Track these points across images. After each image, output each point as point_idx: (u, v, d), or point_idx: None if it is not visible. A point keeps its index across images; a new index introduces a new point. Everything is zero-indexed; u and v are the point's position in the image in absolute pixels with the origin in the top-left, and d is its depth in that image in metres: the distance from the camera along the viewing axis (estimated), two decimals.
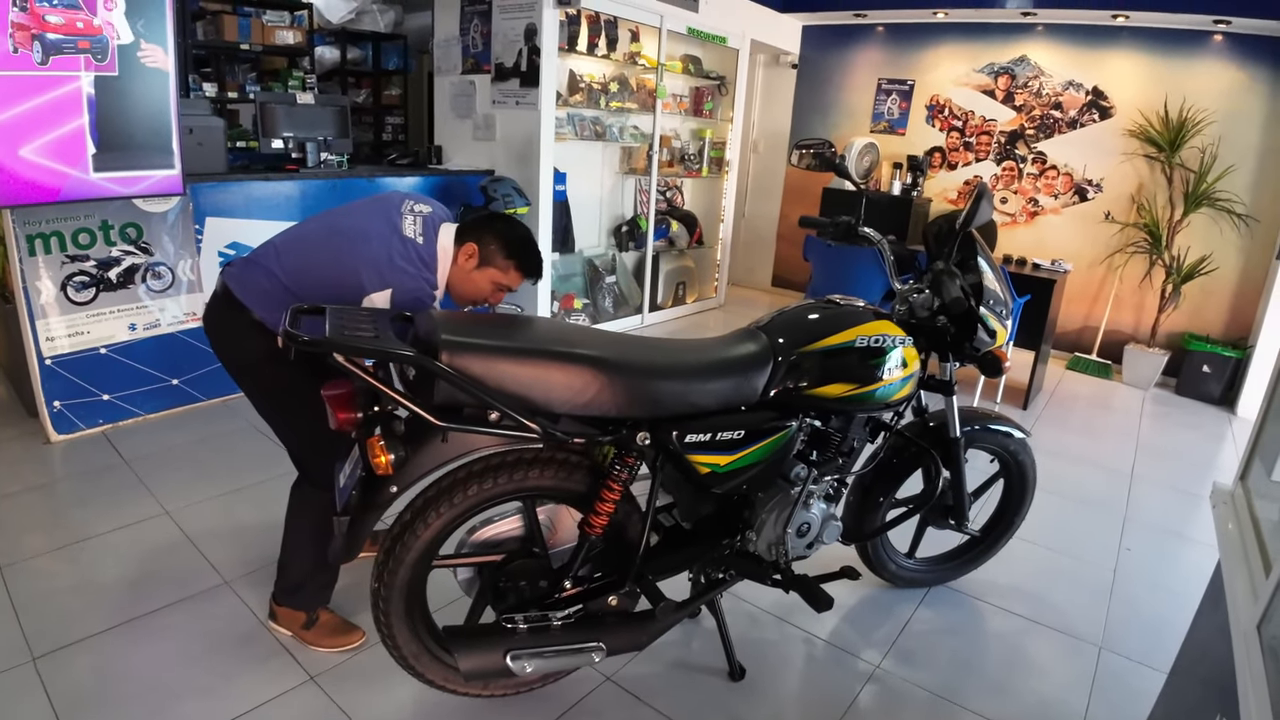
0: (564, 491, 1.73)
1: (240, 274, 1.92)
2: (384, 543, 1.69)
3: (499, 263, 1.95)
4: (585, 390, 1.54)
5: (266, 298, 1.87)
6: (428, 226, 1.93)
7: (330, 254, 1.88)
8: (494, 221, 2.00)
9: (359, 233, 1.89)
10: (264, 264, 1.91)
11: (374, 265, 1.83)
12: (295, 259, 1.90)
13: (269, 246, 1.96)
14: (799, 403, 1.85)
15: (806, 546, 2.00)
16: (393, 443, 1.49)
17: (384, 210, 1.94)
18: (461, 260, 1.94)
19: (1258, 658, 1.17)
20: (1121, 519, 3.23)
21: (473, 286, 1.98)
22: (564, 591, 1.76)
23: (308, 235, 1.97)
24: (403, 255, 1.86)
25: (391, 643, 1.74)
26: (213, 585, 2.33)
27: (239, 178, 3.72)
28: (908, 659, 2.24)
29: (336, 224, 1.95)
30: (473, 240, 1.94)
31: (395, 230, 1.89)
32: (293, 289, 1.86)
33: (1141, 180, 5.28)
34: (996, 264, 2.13)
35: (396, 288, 1.82)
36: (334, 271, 1.84)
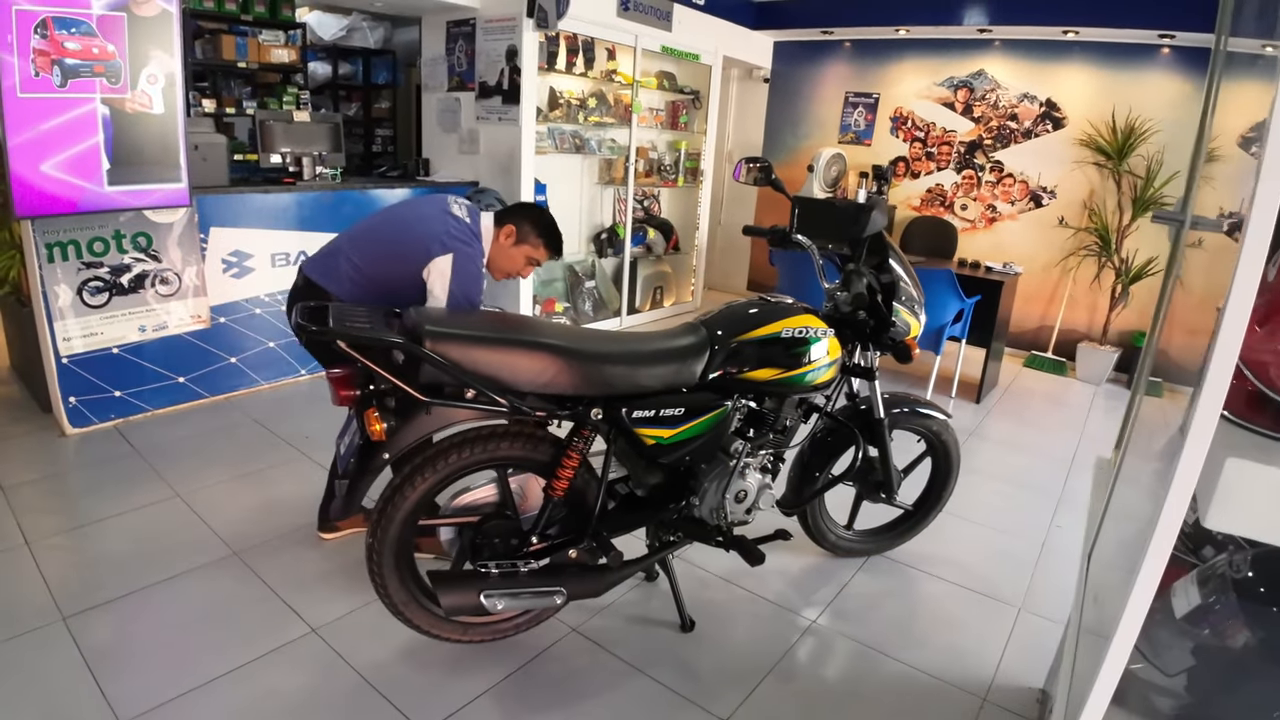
0: (531, 460, 2.01)
1: (321, 266, 2.34)
2: (378, 503, 1.95)
3: (532, 240, 2.40)
4: (545, 372, 1.82)
5: (348, 282, 2.29)
6: (471, 212, 2.39)
7: (397, 233, 2.32)
8: (527, 209, 2.48)
9: (418, 216, 2.35)
10: (340, 254, 2.32)
11: (435, 236, 2.25)
12: (366, 245, 2.33)
13: (341, 240, 2.39)
14: (734, 385, 2.13)
15: (745, 511, 2.28)
16: (385, 414, 1.77)
17: (434, 201, 2.41)
18: (502, 239, 2.38)
19: (1082, 580, 1.45)
20: (1056, 500, 3.51)
21: (509, 260, 2.42)
22: (531, 546, 2.03)
23: (374, 225, 2.42)
24: (457, 229, 2.29)
25: (383, 590, 2.01)
26: (223, 555, 2.59)
27: (240, 190, 3.98)
28: (843, 616, 2.51)
29: (396, 213, 2.43)
30: (511, 222, 2.39)
31: (446, 212, 2.33)
32: (366, 270, 2.29)
33: (1092, 187, 5.59)
34: (907, 263, 2.42)
35: (457, 253, 2.24)
36: (402, 247, 2.27)
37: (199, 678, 2.04)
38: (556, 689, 2.11)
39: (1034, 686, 2.23)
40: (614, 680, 2.16)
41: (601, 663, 2.22)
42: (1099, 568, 1.43)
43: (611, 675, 2.18)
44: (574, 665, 2.21)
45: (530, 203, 2.63)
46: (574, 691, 2.11)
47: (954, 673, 2.28)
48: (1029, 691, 2.22)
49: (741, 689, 2.15)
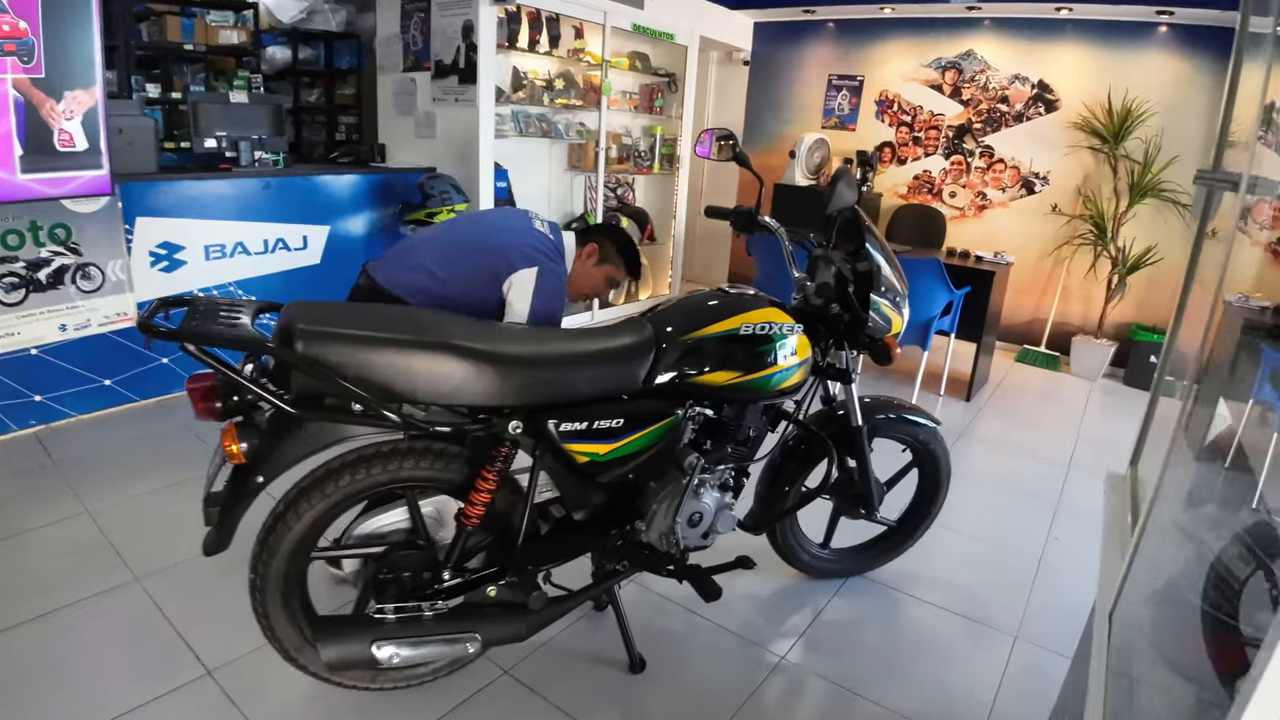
0: (442, 482, 1.71)
1: (391, 269, 2.23)
2: (259, 534, 1.67)
3: (614, 260, 2.37)
4: (450, 378, 1.51)
5: (423, 292, 2.18)
6: (553, 229, 2.35)
7: (480, 242, 2.25)
8: (609, 229, 2.45)
9: (502, 225, 2.33)
10: (416, 258, 2.23)
11: (519, 249, 2.19)
12: (446, 250, 2.24)
13: (417, 243, 2.30)
14: (686, 390, 1.83)
15: (702, 536, 1.98)
16: (246, 432, 1.46)
17: (517, 213, 2.41)
18: (584, 257, 2.35)
19: (1103, 647, 1.15)
20: (1054, 509, 3.23)
21: (590, 280, 2.38)
22: (443, 583, 1.73)
23: (454, 230, 2.39)
24: (544, 244, 2.25)
25: (271, 634, 1.72)
26: (123, 582, 2.28)
27: (169, 177, 3.68)
28: (816, 649, 2.22)
29: (479, 219, 2.44)
30: (594, 241, 2.36)
31: (530, 227, 2.29)
32: (443, 277, 2.19)
33: (1087, 172, 5.32)
34: (889, 249, 2.12)
35: (541, 268, 2.17)
36: (484, 256, 2.20)
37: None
38: None
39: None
40: None
41: (535, 711, 1.92)
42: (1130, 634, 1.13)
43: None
44: (501, 712, 1.91)
45: (611, 224, 2.62)
46: None
47: (942, 716, 1.99)
48: None
49: None
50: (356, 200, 4.37)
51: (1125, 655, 1.10)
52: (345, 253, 4.31)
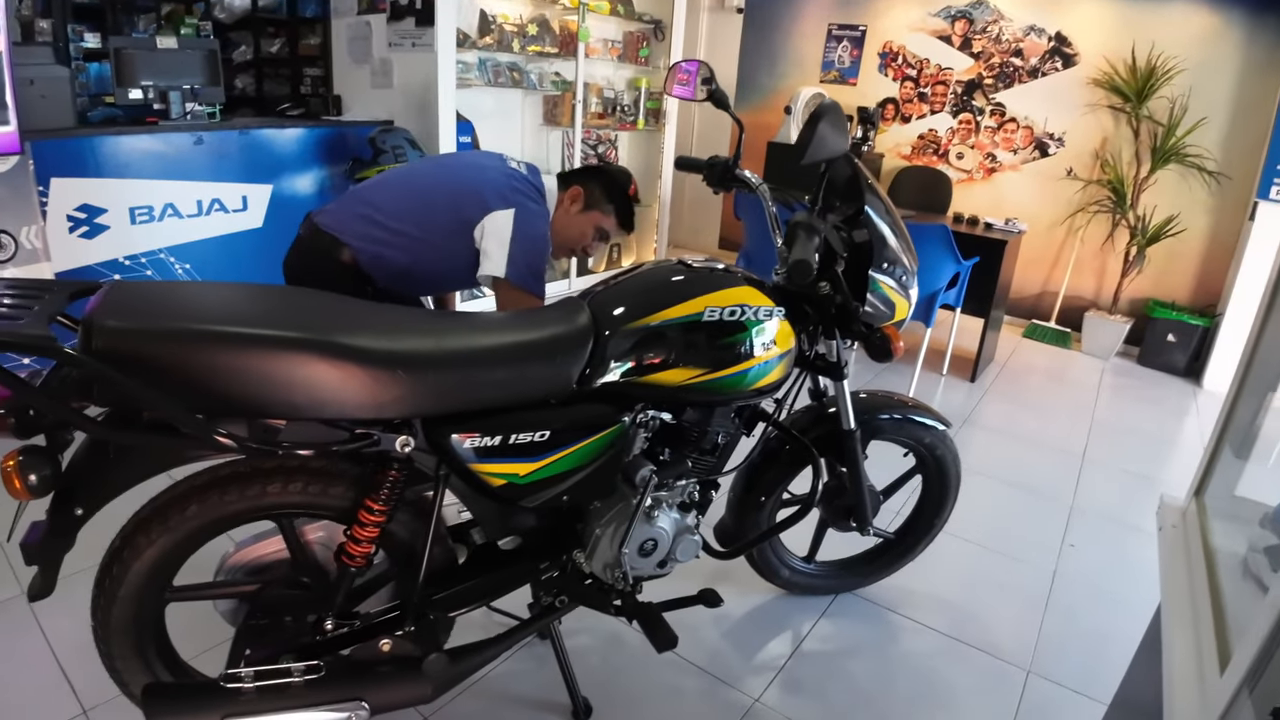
0: (322, 508, 1.35)
1: (335, 212, 1.94)
2: (97, 574, 1.33)
3: (603, 206, 2.06)
4: (309, 385, 1.13)
5: (368, 235, 1.88)
6: (531, 170, 2.04)
7: (447, 183, 1.96)
8: (597, 171, 2.12)
9: (473, 165, 2.05)
10: (359, 203, 1.93)
11: (493, 187, 1.91)
12: (402, 194, 1.95)
13: (365, 188, 2.01)
14: (633, 392, 1.46)
15: (658, 565, 1.62)
16: (34, 460, 1.09)
17: (487, 154, 2.13)
18: (567, 203, 2.05)
19: None
20: (1068, 509, 2.89)
21: (574, 230, 2.08)
22: (324, 633, 1.38)
23: (413, 172, 2.09)
24: (523, 183, 1.96)
25: (125, 690, 1.40)
26: (8, 598, 1.95)
27: (87, 133, 3.27)
28: (794, 689, 1.88)
29: (442, 161, 2.17)
30: (578, 184, 2.06)
31: (504, 167, 1.99)
32: (395, 225, 1.88)
33: (1106, 134, 4.90)
34: (897, 215, 1.72)
35: (519, 209, 1.89)
36: (449, 198, 1.91)
37: None
38: None
39: None
40: None
41: None
42: None
43: None
44: None
45: (602, 165, 2.21)
46: None
47: None
48: None
49: None
50: (304, 156, 3.96)
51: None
52: (290, 215, 3.90)
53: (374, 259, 1.89)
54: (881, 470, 2.06)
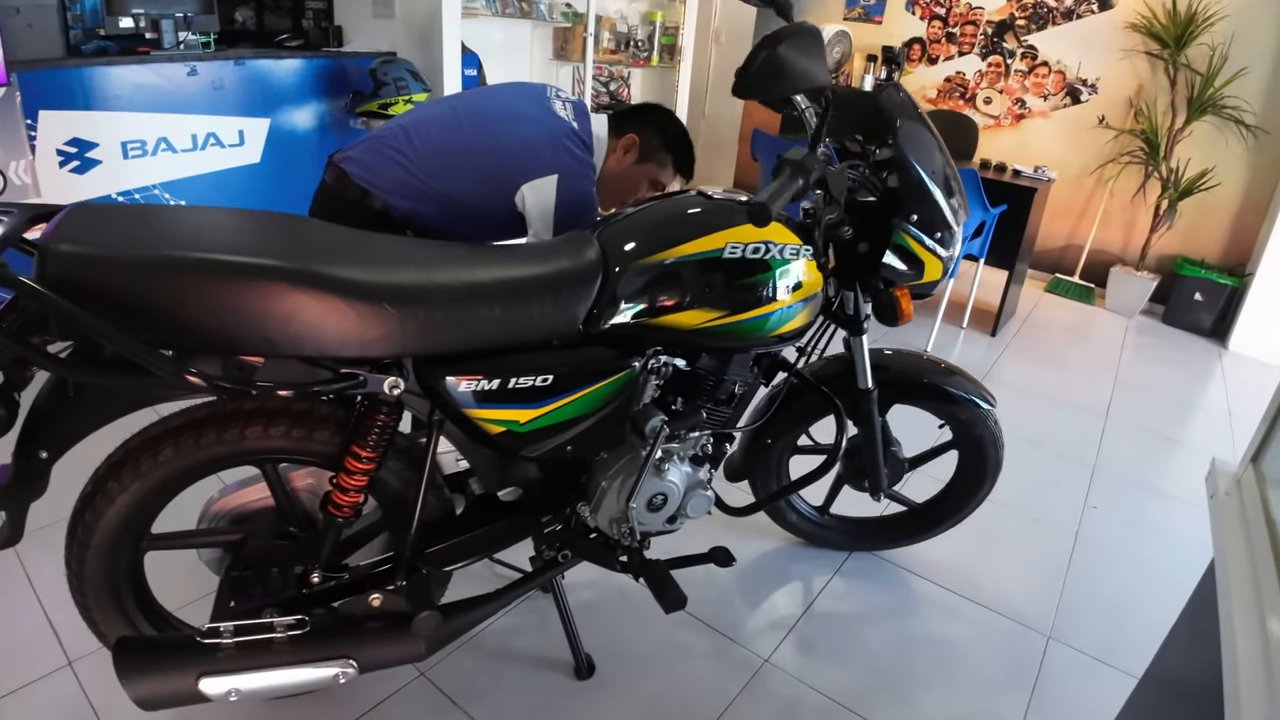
0: (307, 453, 1.25)
1: (364, 159, 1.69)
2: (69, 521, 1.24)
3: (659, 157, 1.80)
4: (291, 319, 1.02)
5: (401, 186, 1.66)
6: (579, 113, 1.75)
7: (480, 138, 1.67)
8: (653, 113, 1.83)
9: (510, 113, 1.71)
10: (391, 150, 1.67)
11: (534, 147, 1.64)
12: (433, 147, 1.67)
13: (393, 130, 1.72)
14: (645, 335, 1.34)
15: (667, 521, 1.53)
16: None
17: (531, 93, 1.77)
18: (620, 153, 1.79)
19: None
20: (1090, 469, 2.79)
21: (628, 182, 1.83)
22: (311, 586, 1.29)
23: (444, 117, 1.73)
24: (568, 135, 1.67)
25: (105, 642, 1.33)
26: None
27: (76, 63, 3.11)
28: (806, 649, 1.81)
29: (478, 105, 1.76)
30: (633, 131, 1.78)
31: (549, 112, 1.70)
32: (428, 182, 1.65)
33: (1141, 81, 4.66)
34: (945, 152, 1.55)
35: (563, 173, 1.63)
36: (484, 158, 1.65)
37: None
38: None
39: None
40: None
41: None
42: None
43: None
44: None
45: (655, 104, 1.90)
46: None
47: None
48: None
49: None
50: (302, 89, 3.79)
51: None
52: (289, 150, 3.76)
53: (409, 215, 1.69)
54: (919, 437, 1.95)
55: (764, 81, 1.23)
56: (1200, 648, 1.18)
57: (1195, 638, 1.23)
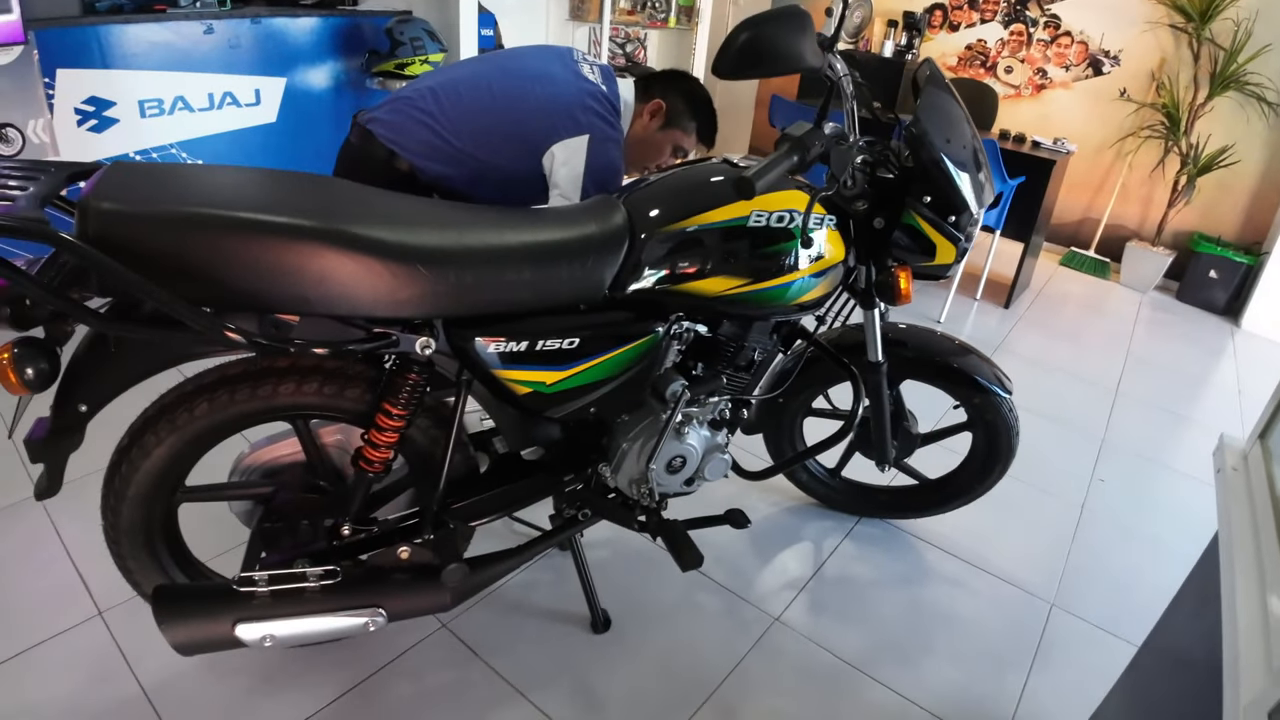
0: (338, 410, 1.29)
1: (391, 120, 1.71)
2: (105, 473, 1.28)
3: (684, 123, 1.82)
4: (325, 279, 1.05)
5: (428, 149, 1.68)
6: (606, 76, 1.78)
7: (509, 98, 1.69)
8: (679, 79, 1.85)
9: (539, 74, 1.72)
10: (419, 111, 1.69)
11: (565, 107, 1.66)
12: (462, 108, 1.69)
13: (419, 92, 1.73)
14: (669, 301, 1.37)
15: (685, 483, 1.57)
16: (29, 354, 1.02)
17: (557, 55, 1.80)
18: (646, 118, 1.81)
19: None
20: (1099, 443, 2.81)
21: (653, 146, 1.85)
22: (341, 539, 1.34)
23: (474, 78, 1.74)
24: (596, 99, 1.69)
25: (139, 590, 1.39)
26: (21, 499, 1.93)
27: (93, 21, 3.09)
28: (816, 610, 1.86)
29: (506, 66, 1.77)
30: (660, 96, 1.80)
31: (577, 74, 1.73)
32: (456, 143, 1.67)
33: (1164, 55, 4.59)
34: (973, 130, 1.54)
35: (594, 134, 1.66)
36: (514, 117, 1.67)
37: None
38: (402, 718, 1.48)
39: None
40: (484, 710, 1.53)
41: (473, 680, 1.58)
42: None
43: (483, 702, 1.54)
44: (433, 683, 1.57)
45: (678, 70, 1.91)
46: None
47: (961, 708, 1.65)
48: None
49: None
50: (318, 48, 3.76)
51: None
52: (305, 109, 3.75)
53: (438, 178, 1.71)
54: (939, 411, 1.96)
55: (743, 63, 1.25)
56: (1201, 619, 1.21)
57: (1197, 609, 1.27)
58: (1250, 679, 0.85)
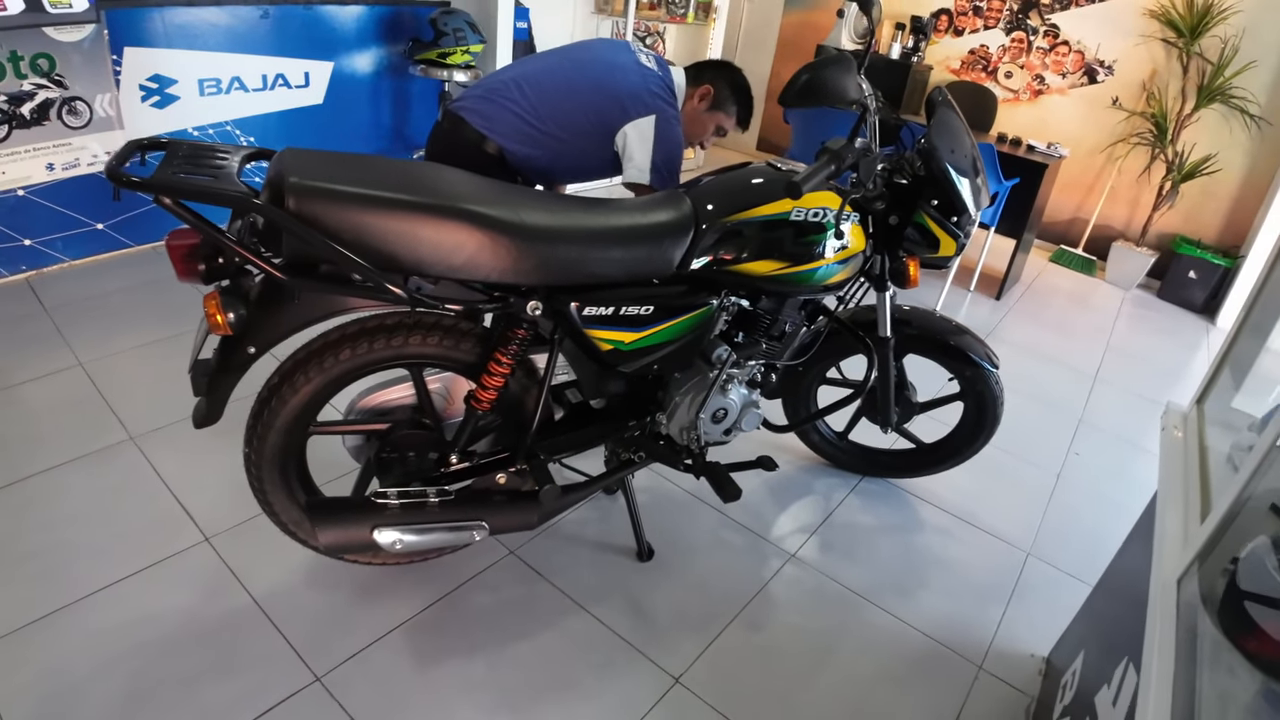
0: (452, 360, 1.57)
1: (481, 109, 1.98)
2: (253, 407, 1.55)
3: (728, 107, 2.11)
4: (460, 250, 1.33)
5: (517, 133, 1.95)
6: (660, 64, 2.05)
7: (586, 85, 1.97)
8: (723, 69, 2.13)
9: (609, 64, 2.00)
10: (508, 100, 1.97)
11: (634, 93, 1.94)
12: (544, 94, 1.97)
13: (503, 83, 2.00)
14: (721, 279, 1.65)
15: (724, 433, 1.87)
16: (231, 300, 1.30)
17: (620, 47, 2.07)
18: (696, 100, 2.09)
19: (1170, 617, 1.04)
20: (1076, 421, 3.13)
21: (699, 127, 2.14)
22: (450, 466, 1.63)
23: (552, 70, 2.03)
24: (658, 84, 1.98)
25: (269, 509, 1.66)
26: (117, 440, 2.19)
27: (158, 3, 3.30)
28: (827, 549, 2.17)
29: (579, 58, 2.05)
30: (709, 83, 2.09)
31: (638, 64, 2.00)
32: (541, 126, 1.95)
33: (1156, 66, 4.88)
34: (972, 144, 1.84)
35: (660, 115, 1.93)
36: (592, 100, 1.94)
37: (67, 594, 1.71)
38: (482, 626, 1.78)
39: (1037, 655, 1.91)
40: (552, 618, 1.83)
41: (540, 595, 1.88)
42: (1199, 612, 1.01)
43: (549, 611, 1.84)
44: (507, 596, 1.87)
45: (724, 60, 2.19)
46: (502, 630, 1.77)
47: (948, 631, 1.96)
48: (1031, 661, 1.90)
49: (700, 638, 1.83)
50: (363, 35, 4.00)
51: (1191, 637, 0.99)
52: (349, 92, 4.00)
53: (525, 159, 1.98)
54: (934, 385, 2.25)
55: (804, 96, 1.55)
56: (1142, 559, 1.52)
57: (1138, 550, 1.57)
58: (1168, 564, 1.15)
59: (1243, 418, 1.51)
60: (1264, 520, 1.06)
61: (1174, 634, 0.98)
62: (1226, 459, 1.38)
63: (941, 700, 1.77)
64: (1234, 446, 1.39)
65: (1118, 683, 1.21)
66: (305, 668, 1.63)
